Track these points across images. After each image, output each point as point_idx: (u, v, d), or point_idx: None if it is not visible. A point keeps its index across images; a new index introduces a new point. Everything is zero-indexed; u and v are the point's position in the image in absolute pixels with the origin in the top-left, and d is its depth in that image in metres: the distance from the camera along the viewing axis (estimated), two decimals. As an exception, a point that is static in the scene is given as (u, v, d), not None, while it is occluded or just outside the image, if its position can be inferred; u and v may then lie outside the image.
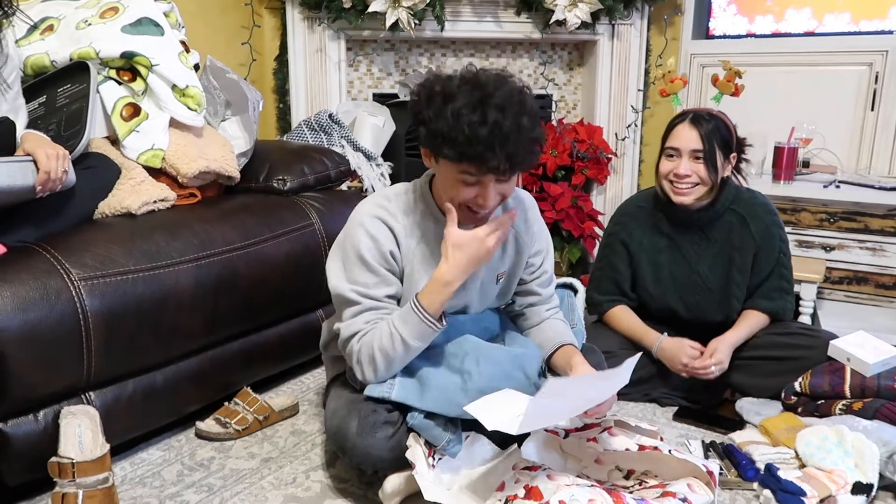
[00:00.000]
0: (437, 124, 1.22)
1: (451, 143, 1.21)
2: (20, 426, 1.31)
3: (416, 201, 1.39)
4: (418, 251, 1.37)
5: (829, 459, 1.38)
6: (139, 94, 1.74)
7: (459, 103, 1.21)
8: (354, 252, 1.33)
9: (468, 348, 1.36)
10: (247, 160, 1.97)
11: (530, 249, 1.49)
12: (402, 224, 1.36)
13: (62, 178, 1.39)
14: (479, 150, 1.19)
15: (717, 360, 1.69)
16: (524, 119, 1.22)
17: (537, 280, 1.53)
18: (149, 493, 1.40)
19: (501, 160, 1.20)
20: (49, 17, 1.78)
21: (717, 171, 1.72)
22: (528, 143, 1.23)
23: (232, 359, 1.69)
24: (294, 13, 2.80)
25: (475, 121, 1.19)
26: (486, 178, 1.25)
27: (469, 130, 1.19)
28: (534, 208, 1.51)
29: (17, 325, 1.25)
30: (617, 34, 2.97)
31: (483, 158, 1.20)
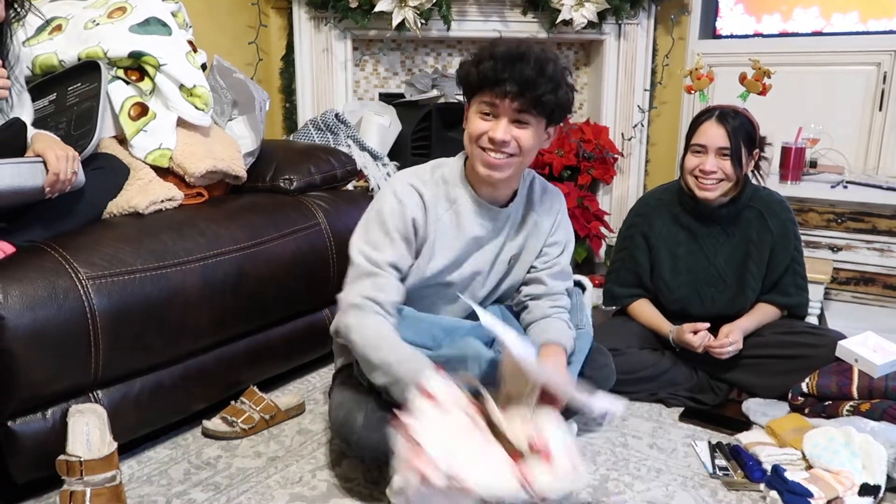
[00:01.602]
0: (469, 59, 1.35)
1: (476, 64, 1.32)
2: (28, 424, 1.31)
3: (450, 174, 1.44)
4: (444, 220, 1.42)
5: (837, 461, 1.37)
6: (147, 94, 1.75)
7: (497, 42, 1.35)
8: (376, 211, 1.39)
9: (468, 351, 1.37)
10: (253, 160, 1.97)
11: (548, 236, 1.52)
12: (433, 193, 1.41)
13: (72, 179, 1.40)
14: (497, 68, 1.28)
15: (732, 339, 1.71)
16: (550, 65, 1.30)
17: (548, 270, 1.53)
18: (156, 491, 1.41)
19: (513, 84, 1.27)
20: (57, 17, 1.79)
21: (741, 168, 1.74)
22: (547, 80, 1.29)
23: (238, 358, 1.69)
24: (300, 13, 2.80)
25: (501, 51, 1.30)
26: (501, 108, 1.31)
27: (492, 56, 1.30)
28: (561, 202, 1.56)
29: (26, 324, 1.26)
30: (623, 34, 2.96)
31: (498, 77, 1.28)
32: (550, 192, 1.55)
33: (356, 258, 1.39)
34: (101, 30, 1.72)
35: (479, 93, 1.34)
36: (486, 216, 1.44)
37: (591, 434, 1.65)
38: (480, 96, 1.33)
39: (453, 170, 1.45)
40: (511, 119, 1.33)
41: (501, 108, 1.32)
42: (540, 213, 1.51)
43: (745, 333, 1.76)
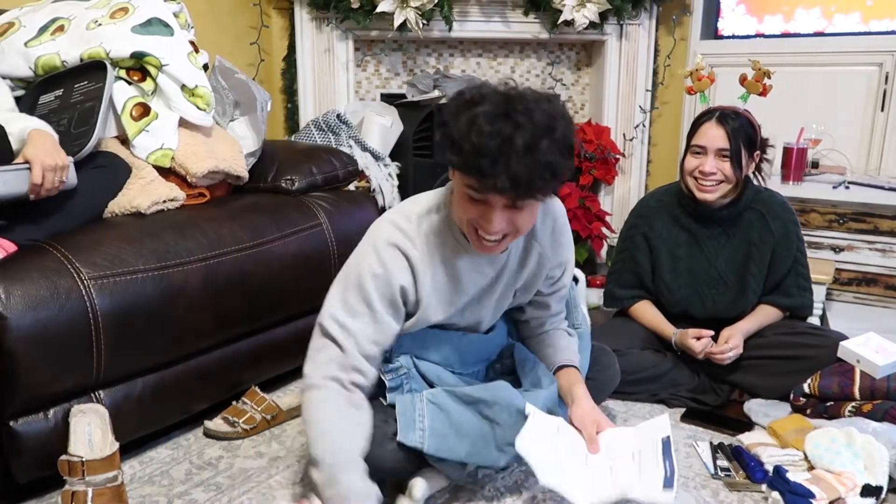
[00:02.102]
0: (451, 127, 1.13)
1: (458, 151, 1.11)
2: (30, 424, 1.32)
3: (440, 222, 1.28)
4: (439, 278, 1.28)
5: (839, 461, 1.37)
6: (149, 94, 1.75)
7: (480, 110, 1.10)
8: (357, 276, 1.24)
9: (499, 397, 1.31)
10: (255, 160, 1.97)
11: (553, 263, 1.41)
12: (421, 251, 1.25)
13: (58, 187, 1.39)
14: (483, 162, 1.07)
15: (733, 344, 1.71)
16: (544, 142, 1.08)
17: (555, 295, 1.47)
18: (157, 491, 1.41)
19: (503, 180, 1.07)
20: (60, 18, 1.79)
21: (741, 169, 1.73)
22: (540, 168, 1.09)
23: (240, 358, 1.70)
24: (302, 13, 2.80)
25: (486, 130, 1.07)
26: (491, 197, 1.14)
27: (476, 139, 1.08)
28: (563, 218, 1.41)
29: (28, 324, 1.26)
30: (625, 34, 2.97)
31: (484, 172, 1.08)
32: (551, 214, 1.38)
33: (327, 323, 1.24)
34: (103, 30, 1.72)
35: (465, 176, 1.14)
36: (485, 264, 1.32)
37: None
38: (466, 178, 1.14)
39: (442, 219, 1.28)
40: (504, 207, 1.15)
41: (492, 199, 1.14)
42: (542, 241, 1.38)
43: (746, 336, 1.76)
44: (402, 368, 1.35)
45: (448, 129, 1.14)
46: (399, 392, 1.34)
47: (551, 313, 1.50)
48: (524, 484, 1.42)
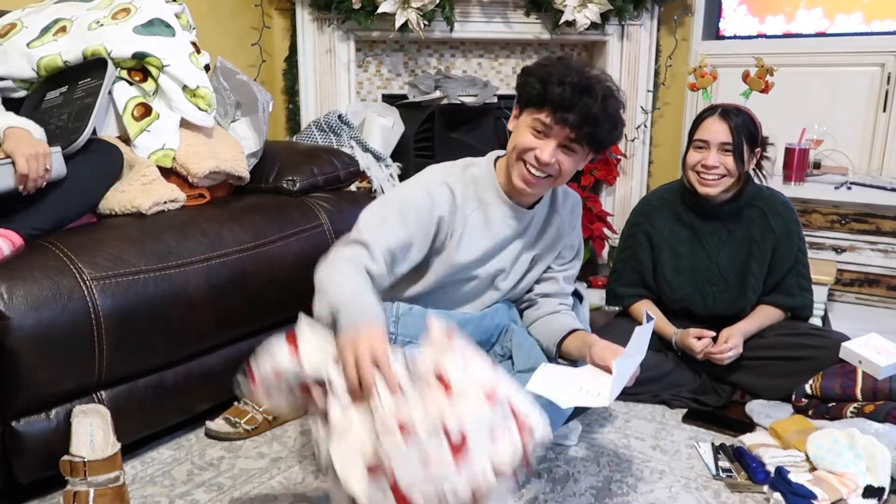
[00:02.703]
0: (538, 71, 1.32)
1: (544, 84, 1.29)
2: (32, 424, 1.32)
3: (480, 175, 1.44)
4: (472, 217, 1.41)
5: (840, 462, 1.37)
6: (150, 95, 1.75)
7: (567, 62, 1.33)
8: (400, 199, 1.36)
9: None
10: (256, 160, 1.97)
11: (567, 240, 1.53)
12: (463, 191, 1.40)
13: (45, 176, 1.40)
14: (564, 96, 1.27)
15: (732, 344, 1.72)
16: (612, 101, 1.31)
17: (564, 273, 1.55)
18: (159, 491, 1.41)
19: (576, 115, 1.27)
20: (62, 19, 1.79)
21: (743, 164, 1.75)
22: (607, 117, 1.30)
23: (242, 358, 1.66)
24: (304, 14, 2.80)
25: (572, 78, 1.28)
26: (555, 130, 1.30)
27: (563, 76, 1.28)
28: (580, 206, 1.58)
29: (30, 324, 1.26)
30: (626, 35, 2.96)
31: (562, 105, 1.27)
32: (572, 196, 1.56)
33: (362, 226, 1.31)
34: (104, 31, 1.72)
35: (537, 109, 1.32)
36: (514, 217, 1.44)
37: (593, 435, 1.65)
38: (537, 113, 1.32)
39: (483, 171, 1.45)
40: (560, 143, 1.32)
41: (556, 132, 1.31)
42: (563, 215, 1.52)
43: (745, 337, 1.76)
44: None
45: (534, 71, 1.33)
46: None
47: (560, 291, 1.55)
48: (525, 485, 1.43)
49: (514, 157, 1.37)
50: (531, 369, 1.38)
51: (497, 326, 1.51)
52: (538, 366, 1.39)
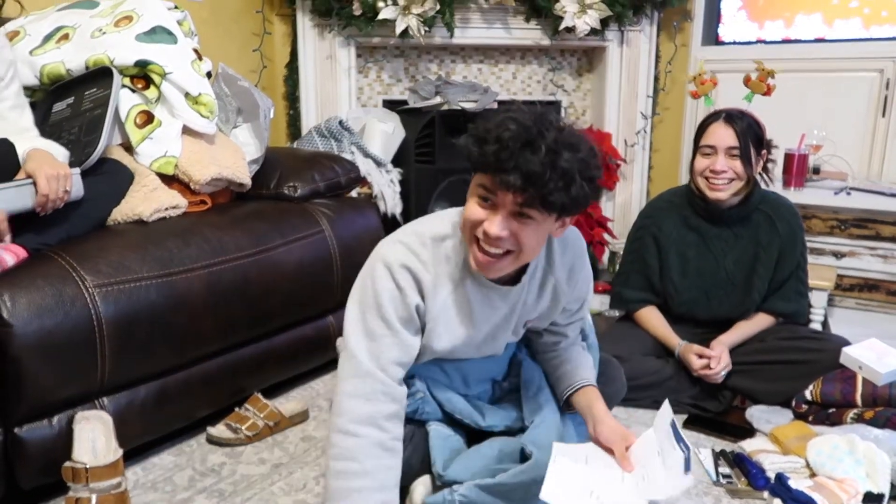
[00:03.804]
0: (480, 127, 1.13)
1: (480, 144, 1.11)
2: (35, 431, 1.32)
3: (453, 249, 1.25)
4: (446, 304, 1.25)
5: (840, 469, 1.37)
6: (152, 102, 1.76)
7: (513, 115, 1.12)
8: (374, 298, 1.21)
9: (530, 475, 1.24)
10: (258, 167, 1.98)
11: (569, 297, 1.37)
12: (433, 276, 1.23)
13: (63, 198, 1.40)
14: (502, 156, 1.07)
15: (723, 364, 1.73)
16: (566, 153, 1.08)
17: (571, 325, 1.45)
18: (160, 497, 1.42)
19: (516, 176, 1.06)
20: (64, 27, 1.80)
21: (751, 167, 1.76)
22: (557, 173, 1.07)
23: (243, 365, 1.70)
24: (305, 20, 2.82)
25: (511, 129, 1.08)
26: (501, 197, 1.11)
27: (500, 132, 1.09)
28: (582, 253, 1.37)
29: (33, 331, 1.27)
30: (626, 40, 2.98)
31: (500, 167, 1.07)
32: (570, 246, 1.34)
33: (357, 352, 1.20)
34: (107, 38, 1.73)
35: (479, 174, 1.14)
36: (498, 298, 1.28)
37: (594, 441, 1.65)
38: (480, 178, 1.14)
39: (456, 245, 1.25)
40: (511, 212, 1.12)
41: (501, 199, 1.11)
42: (559, 275, 1.33)
43: (731, 347, 1.78)
44: (419, 393, 1.35)
45: (475, 130, 1.14)
46: (414, 416, 1.34)
47: (570, 340, 1.48)
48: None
49: (467, 235, 1.18)
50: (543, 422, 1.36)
51: (502, 365, 1.49)
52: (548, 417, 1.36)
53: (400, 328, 1.21)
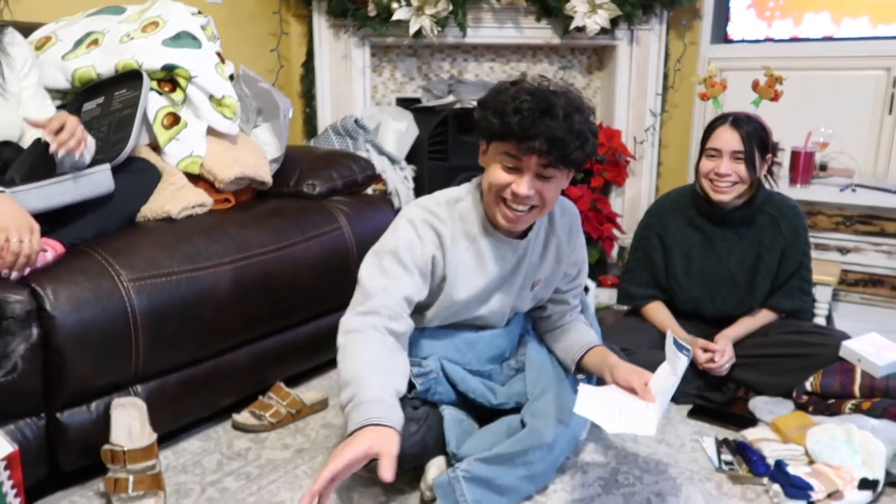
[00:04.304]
0: (493, 102, 1.28)
1: (501, 117, 1.25)
2: (75, 416, 1.41)
3: (467, 209, 1.41)
4: (463, 258, 1.40)
5: (838, 456, 1.43)
6: (178, 104, 1.84)
7: (522, 87, 1.28)
8: (393, 245, 1.35)
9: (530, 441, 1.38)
10: (278, 165, 2.05)
11: (570, 260, 1.54)
12: (451, 231, 1.38)
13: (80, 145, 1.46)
14: (525, 124, 1.22)
15: (727, 357, 1.79)
16: (576, 115, 1.26)
17: (572, 291, 1.59)
18: (191, 479, 1.50)
19: (542, 141, 1.22)
20: (94, 32, 1.88)
21: (755, 171, 1.80)
22: (574, 134, 1.24)
23: (266, 355, 1.78)
24: (321, 21, 2.89)
25: (527, 99, 1.24)
26: (525, 161, 1.27)
27: (518, 104, 1.23)
28: (578, 220, 1.55)
29: (73, 323, 1.35)
30: (636, 39, 3.02)
31: (525, 134, 1.23)
32: (568, 213, 1.54)
33: (367, 283, 1.33)
34: (135, 44, 1.81)
35: (502, 142, 1.29)
36: (508, 250, 1.44)
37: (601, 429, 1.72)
38: (503, 146, 1.29)
39: (470, 205, 1.42)
40: (535, 173, 1.28)
41: (525, 162, 1.27)
42: (560, 235, 1.51)
43: (734, 341, 1.84)
44: (432, 373, 1.44)
45: (489, 103, 1.29)
46: (427, 396, 1.43)
47: (570, 307, 1.62)
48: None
49: (492, 196, 1.34)
50: (542, 394, 1.47)
51: (509, 342, 1.59)
52: (548, 390, 1.47)
53: (414, 271, 1.35)
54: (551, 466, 1.45)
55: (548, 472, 1.44)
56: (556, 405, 1.44)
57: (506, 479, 1.36)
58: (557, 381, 1.51)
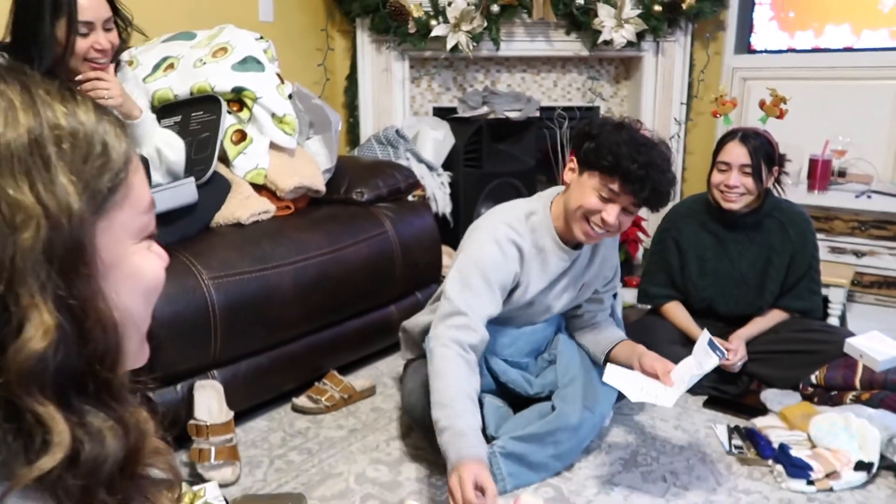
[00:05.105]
0: (607, 139, 1.46)
1: (616, 157, 1.44)
2: (164, 395, 1.64)
3: (539, 222, 1.61)
4: (534, 263, 1.61)
5: (836, 441, 1.59)
6: (245, 122, 2.06)
7: (629, 134, 1.47)
8: (480, 262, 1.53)
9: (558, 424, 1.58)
10: (330, 175, 2.27)
11: (610, 265, 1.76)
12: (528, 244, 1.59)
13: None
14: (638, 173, 1.42)
15: (740, 356, 1.94)
16: (670, 174, 1.48)
17: (608, 292, 1.80)
18: (261, 453, 1.72)
19: (647, 189, 1.44)
20: (170, 57, 2.12)
21: (762, 182, 1.96)
22: (670, 185, 1.48)
23: (321, 346, 2.00)
24: (364, 37, 3.10)
25: (641, 151, 1.44)
26: (622, 198, 1.47)
27: (635, 156, 1.43)
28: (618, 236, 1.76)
29: (165, 315, 1.57)
30: (661, 50, 3.17)
31: (634, 180, 1.43)
32: None
33: (454, 297, 1.51)
34: (207, 68, 2.04)
35: (607, 177, 1.46)
36: (566, 256, 1.65)
37: (624, 417, 1.90)
38: (608, 181, 1.46)
39: (542, 218, 1.62)
40: (624, 207, 1.49)
41: (622, 199, 1.47)
42: (606, 244, 1.73)
43: (747, 340, 1.99)
44: None
45: (603, 140, 1.47)
46: None
47: (603, 307, 1.82)
48: (563, 455, 1.69)
49: (578, 215, 1.52)
50: (571, 382, 1.67)
51: (546, 337, 1.79)
52: (576, 379, 1.68)
53: (497, 290, 1.54)
54: (578, 447, 1.63)
55: (574, 451, 1.63)
56: (583, 392, 1.63)
57: (537, 455, 1.55)
58: (585, 372, 1.70)
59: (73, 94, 0.54)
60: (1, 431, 0.47)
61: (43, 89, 0.51)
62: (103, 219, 0.52)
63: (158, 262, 0.61)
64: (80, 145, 0.51)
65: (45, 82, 0.52)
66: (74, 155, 0.50)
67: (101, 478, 0.51)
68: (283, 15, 2.98)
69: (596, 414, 1.65)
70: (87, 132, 0.52)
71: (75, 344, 0.49)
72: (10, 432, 0.48)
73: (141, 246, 0.58)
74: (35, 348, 0.47)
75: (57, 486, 0.49)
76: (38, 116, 0.49)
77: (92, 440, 0.51)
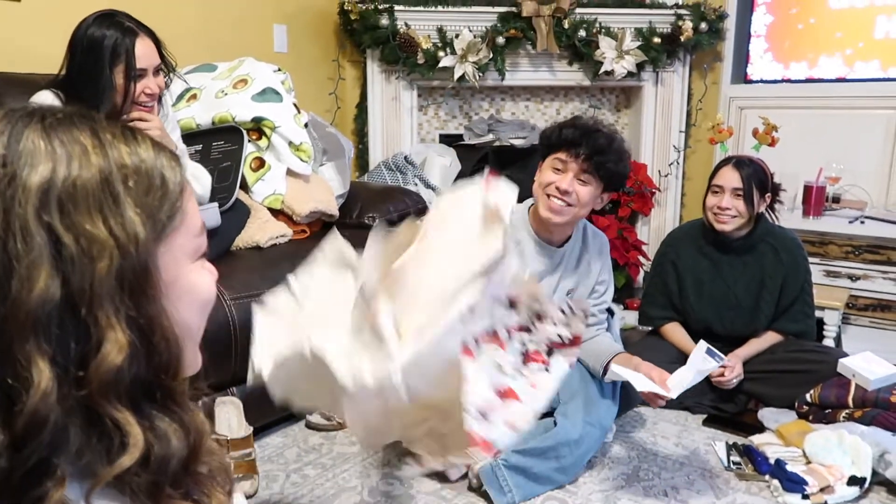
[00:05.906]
0: (553, 125, 1.69)
1: (559, 129, 1.65)
2: (186, 411, 1.71)
3: (516, 220, 1.74)
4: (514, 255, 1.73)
5: (830, 457, 1.66)
6: (263, 150, 2.16)
7: (578, 117, 1.72)
8: None
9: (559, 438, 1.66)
10: (343, 200, 2.37)
11: (597, 276, 1.84)
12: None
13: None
14: (576, 135, 1.61)
15: (736, 373, 2.01)
16: (617, 140, 1.66)
17: (599, 307, 1.87)
18: (277, 467, 1.79)
19: (587, 149, 1.59)
20: (192, 88, 2.23)
21: (753, 207, 2.05)
22: (613, 151, 1.63)
23: (334, 364, 2.07)
24: (374, 67, 3.22)
25: (577, 122, 1.66)
26: (570, 165, 1.63)
27: (573, 121, 1.66)
28: (607, 245, 1.90)
29: (189, 334, 1.66)
30: (661, 80, 3.29)
31: (574, 142, 1.60)
32: (599, 236, 1.88)
33: None
34: (228, 99, 2.15)
35: (556, 151, 1.67)
36: (545, 254, 1.76)
37: (626, 434, 1.97)
38: (556, 154, 1.67)
39: (518, 216, 1.76)
40: (576, 175, 1.65)
41: (571, 165, 1.64)
42: (591, 253, 1.83)
43: (744, 360, 2.07)
44: None
45: (551, 127, 1.73)
46: None
47: (598, 321, 1.89)
48: (568, 470, 1.75)
49: (540, 192, 1.70)
50: (572, 398, 1.75)
51: None
52: (577, 395, 1.76)
53: None
54: (580, 461, 1.70)
55: (577, 465, 1.69)
56: (584, 408, 1.70)
57: (540, 468, 1.62)
58: (585, 387, 1.77)
59: (133, 133, 0.61)
60: (86, 436, 0.54)
61: (109, 132, 0.58)
62: (164, 244, 0.59)
63: (210, 278, 0.68)
64: (142, 180, 0.57)
65: (110, 125, 0.59)
66: (138, 189, 0.57)
67: (168, 474, 0.58)
68: (297, 46, 3.10)
69: (596, 428, 1.72)
70: (148, 168, 0.58)
71: (144, 357, 0.56)
72: (94, 436, 0.55)
73: (196, 265, 0.65)
74: (113, 363, 0.53)
75: (131, 482, 0.56)
76: (106, 157, 0.56)
77: (160, 441, 0.58)
